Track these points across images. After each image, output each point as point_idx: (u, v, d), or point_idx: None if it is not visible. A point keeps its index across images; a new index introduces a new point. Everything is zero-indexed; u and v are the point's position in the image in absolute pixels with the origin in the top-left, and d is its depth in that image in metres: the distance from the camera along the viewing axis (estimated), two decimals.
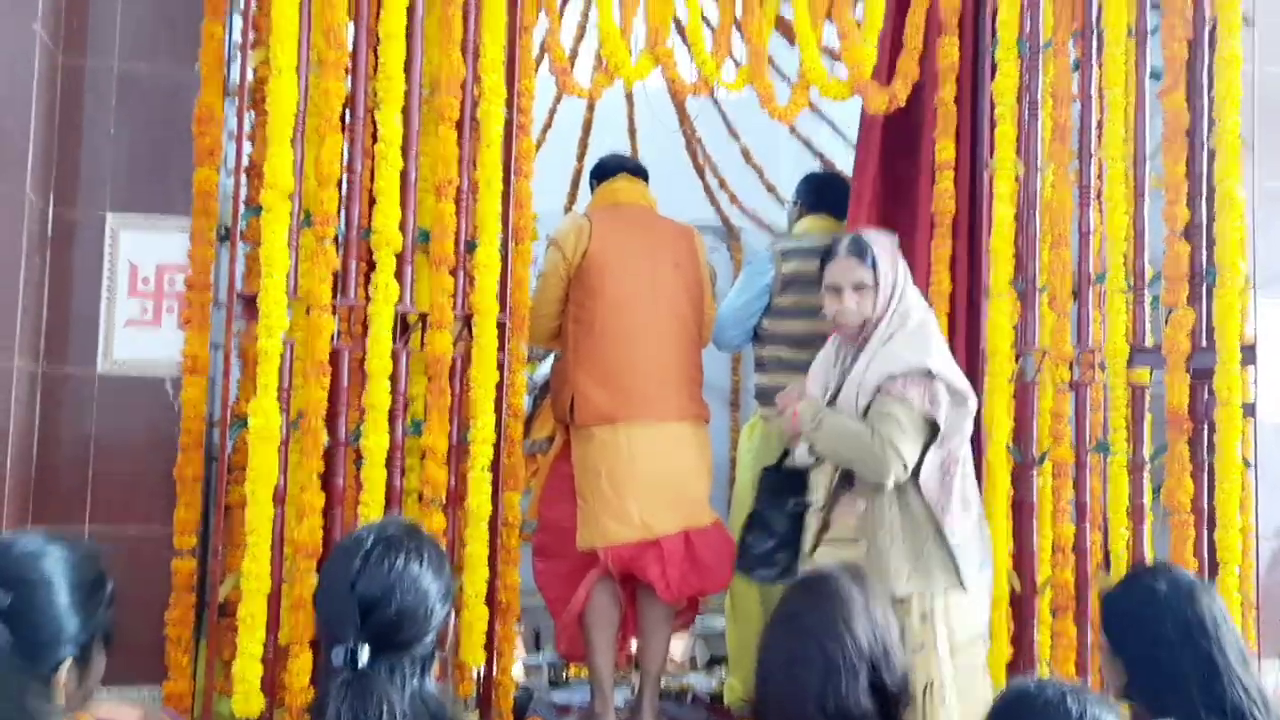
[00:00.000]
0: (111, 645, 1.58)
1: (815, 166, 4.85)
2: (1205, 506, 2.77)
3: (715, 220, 5.37)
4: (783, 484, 2.80)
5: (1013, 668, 2.90)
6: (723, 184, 5.07)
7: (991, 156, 3.07)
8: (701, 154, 5.07)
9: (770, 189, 5.15)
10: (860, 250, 2.53)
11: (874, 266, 2.51)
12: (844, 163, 4.90)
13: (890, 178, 3.28)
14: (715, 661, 4.13)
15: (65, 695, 1.49)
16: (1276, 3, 2.99)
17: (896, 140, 3.25)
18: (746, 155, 5.09)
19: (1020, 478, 2.96)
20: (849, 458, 2.47)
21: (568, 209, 5.20)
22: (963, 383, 2.47)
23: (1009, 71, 3.03)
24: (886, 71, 3.15)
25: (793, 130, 4.88)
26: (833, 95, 3.03)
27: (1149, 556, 2.83)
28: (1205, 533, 2.77)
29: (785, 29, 3.41)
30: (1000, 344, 2.96)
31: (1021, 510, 2.95)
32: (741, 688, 3.66)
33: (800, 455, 2.64)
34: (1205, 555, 2.76)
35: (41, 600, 1.49)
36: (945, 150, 3.08)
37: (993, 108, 3.06)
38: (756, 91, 3.01)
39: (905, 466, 2.38)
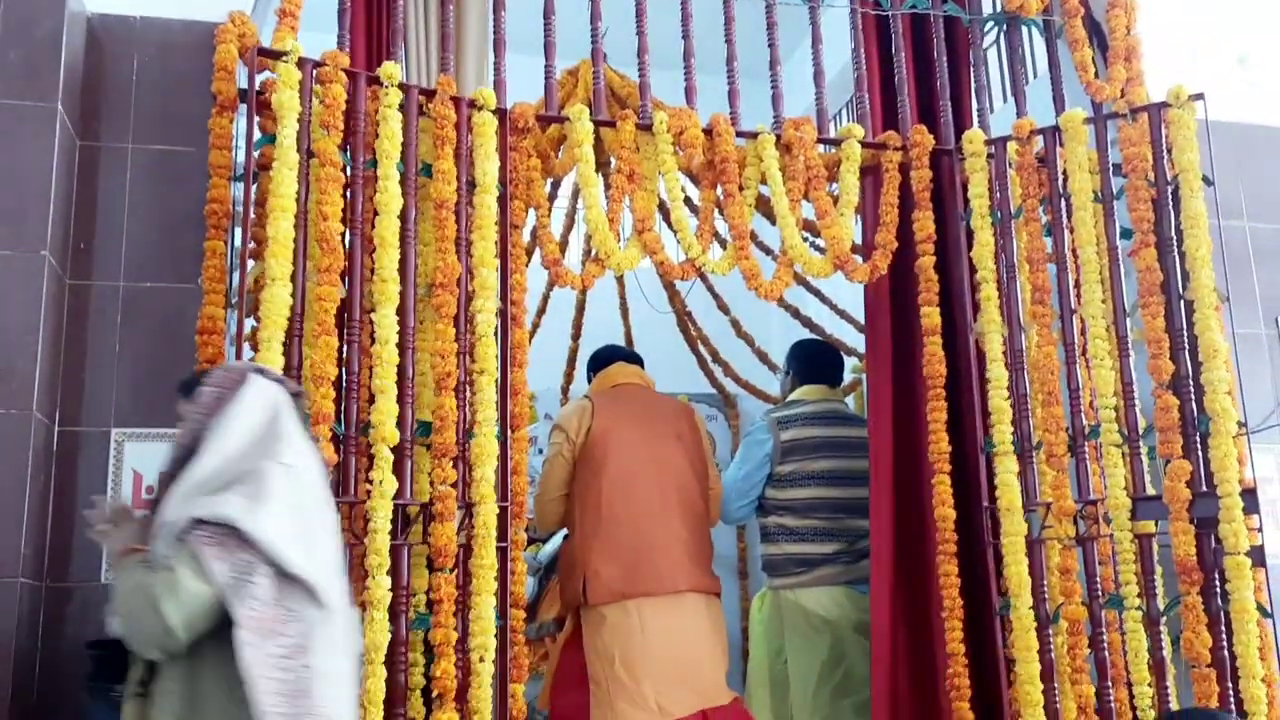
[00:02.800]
0: None
1: (804, 334, 4.95)
2: (1225, 656, 2.73)
3: (710, 389, 5.44)
4: (109, 661, 2.16)
5: None
6: (715, 356, 5.15)
7: (975, 320, 3.15)
8: (693, 327, 5.17)
9: (762, 357, 5.24)
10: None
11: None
12: (831, 328, 5.02)
13: (898, 341, 3.37)
14: None
15: None
16: (1230, 164, 3.13)
17: (899, 304, 3.35)
18: (737, 327, 5.20)
19: (1038, 637, 2.92)
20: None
21: (564, 388, 5.28)
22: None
23: (985, 240, 3.14)
24: (868, 246, 3.26)
25: (781, 302, 5.00)
26: (815, 272, 3.13)
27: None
28: (1229, 684, 2.72)
29: (766, 208, 3.55)
30: (1013, 501, 2.97)
31: (1041, 671, 2.90)
32: None
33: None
34: (1232, 706, 2.71)
35: None
36: (930, 316, 3.16)
37: (973, 273, 3.15)
38: (742, 272, 3.11)
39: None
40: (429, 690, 2.68)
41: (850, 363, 4.57)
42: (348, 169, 2.82)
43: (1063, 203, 3.10)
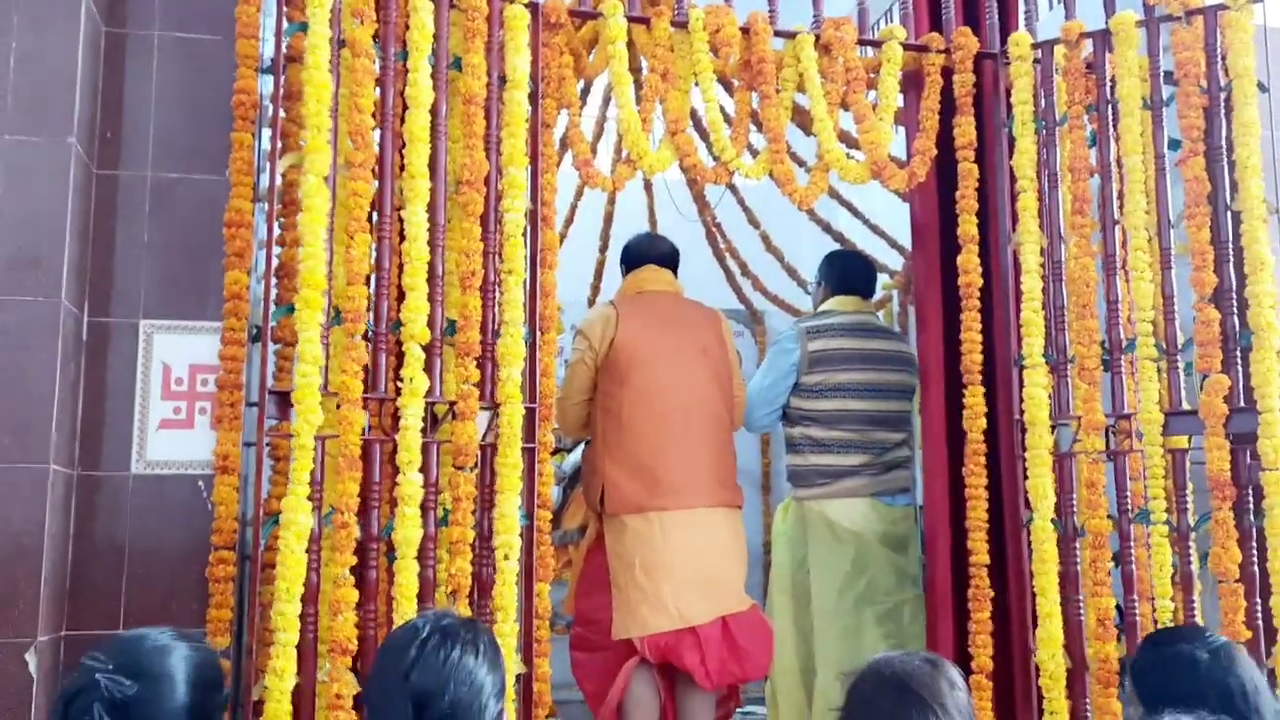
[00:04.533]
0: None
1: (835, 248, 4.88)
2: (1255, 573, 2.72)
3: (737, 305, 5.39)
4: None
5: None
6: (745, 269, 5.10)
7: (1014, 230, 3.08)
8: (722, 240, 5.11)
9: (791, 272, 5.18)
10: None
11: None
12: (863, 244, 4.94)
13: (944, 255, 3.33)
14: None
15: None
16: None
17: (946, 213, 3.30)
18: (766, 241, 5.13)
19: (1063, 551, 2.91)
20: None
21: (591, 300, 5.25)
22: None
23: (1026, 147, 3.06)
24: (907, 153, 3.19)
25: (812, 215, 4.92)
26: (852, 178, 3.06)
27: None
28: (1257, 599, 2.71)
29: (801, 118, 3.47)
30: (1039, 415, 2.93)
31: (1066, 584, 2.90)
32: None
33: None
34: (1260, 623, 2.70)
35: (163, 695, 1.48)
36: (967, 225, 3.10)
37: (1013, 182, 3.08)
38: (775, 177, 3.04)
39: None
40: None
41: (880, 279, 4.52)
42: (376, 62, 2.76)
43: (1109, 110, 3.01)
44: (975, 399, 3.07)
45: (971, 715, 1.69)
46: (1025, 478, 2.98)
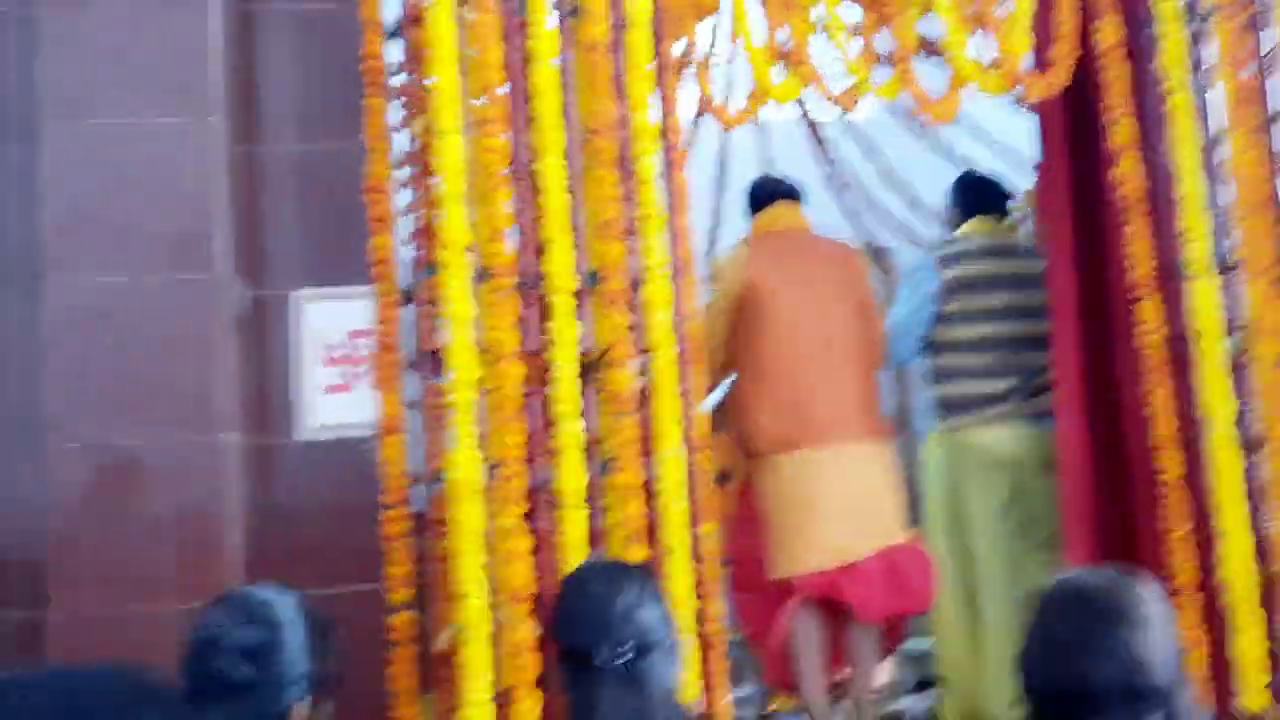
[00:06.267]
0: (334, 694, 1.62)
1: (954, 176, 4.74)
2: None
3: (862, 241, 5.28)
4: None
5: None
6: (870, 203, 4.98)
7: (1164, 133, 2.94)
8: (843, 177, 5.00)
9: (914, 203, 5.05)
10: None
11: None
12: (990, 164, 4.78)
13: (1076, 166, 3.19)
14: (922, 685, 3.98)
15: None
16: None
17: (1076, 128, 3.16)
18: (887, 174, 5.01)
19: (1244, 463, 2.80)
20: None
21: (708, 250, 5.20)
22: None
23: (1175, 44, 2.91)
24: (1042, 62, 3.06)
25: (932, 142, 4.79)
26: (989, 89, 2.96)
27: None
28: None
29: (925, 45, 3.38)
30: (1209, 324, 2.81)
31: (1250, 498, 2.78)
32: (958, 708, 3.52)
33: None
34: None
35: (286, 641, 1.53)
36: (1120, 133, 2.97)
37: (1159, 83, 2.94)
38: (911, 95, 2.96)
39: None
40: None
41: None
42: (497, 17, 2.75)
43: None
44: (1149, 312, 2.95)
45: (1171, 630, 1.60)
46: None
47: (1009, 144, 4.60)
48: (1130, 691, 1.50)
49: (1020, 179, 4.58)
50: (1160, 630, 1.55)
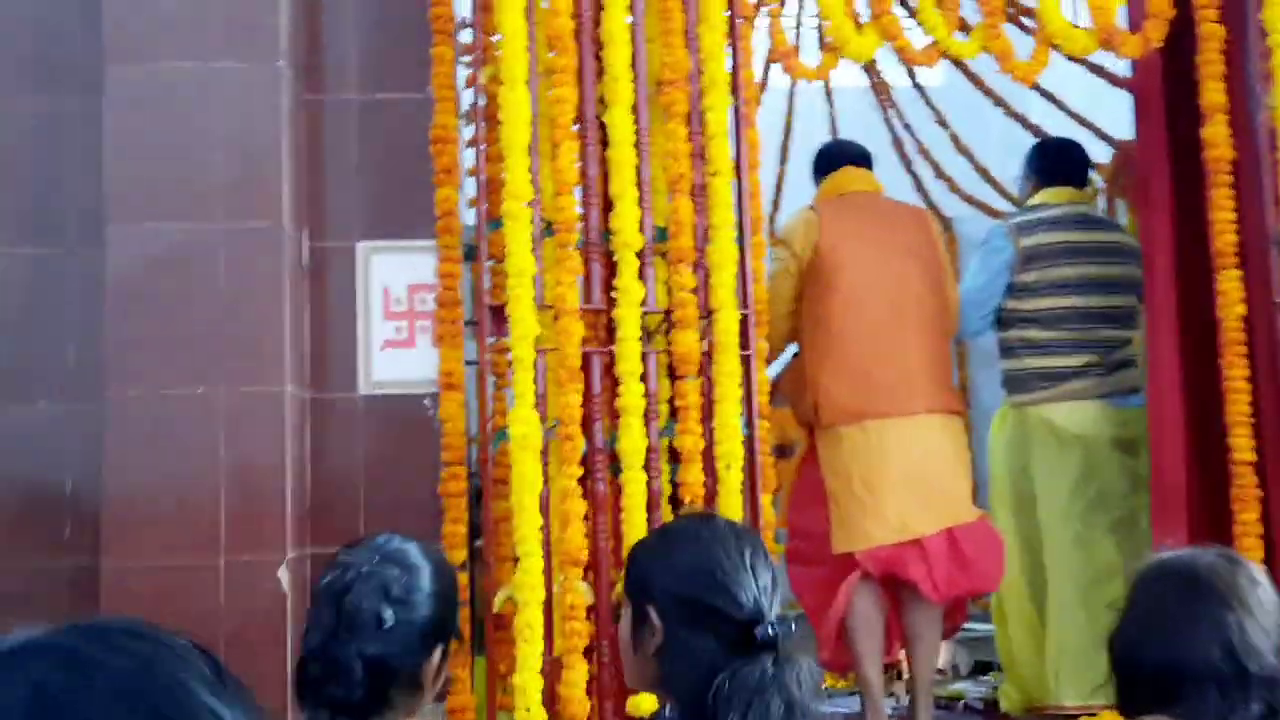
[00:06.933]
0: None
1: (1026, 145, 4.60)
2: None
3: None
4: None
5: None
6: (938, 171, 4.85)
7: (1267, 94, 2.80)
8: (911, 144, 4.88)
9: (983, 173, 4.92)
10: None
11: None
12: (1063, 135, 4.63)
13: (1171, 131, 3.07)
14: (980, 668, 3.89)
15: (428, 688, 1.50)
16: None
17: (1170, 90, 3.04)
18: (956, 141, 4.88)
19: None
20: None
21: (772, 216, 5.10)
22: None
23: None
24: (1135, 21, 2.93)
25: (1005, 108, 4.65)
26: (1078, 49, 2.83)
27: None
28: None
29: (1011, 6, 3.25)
30: None
31: None
32: (1018, 694, 3.42)
33: None
34: None
35: (422, 582, 1.52)
36: (1214, 93, 2.83)
37: (1262, 38, 2.79)
38: (993, 53, 2.83)
39: None
40: (676, 497, 2.65)
41: None
42: None
43: None
44: (1230, 283, 2.82)
45: (1278, 615, 1.51)
46: None
47: (1085, 115, 4.47)
48: (1232, 675, 1.41)
49: (1096, 149, 4.45)
50: (1267, 615, 1.46)
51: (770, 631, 1.38)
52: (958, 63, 3.37)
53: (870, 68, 4.65)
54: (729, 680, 1.34)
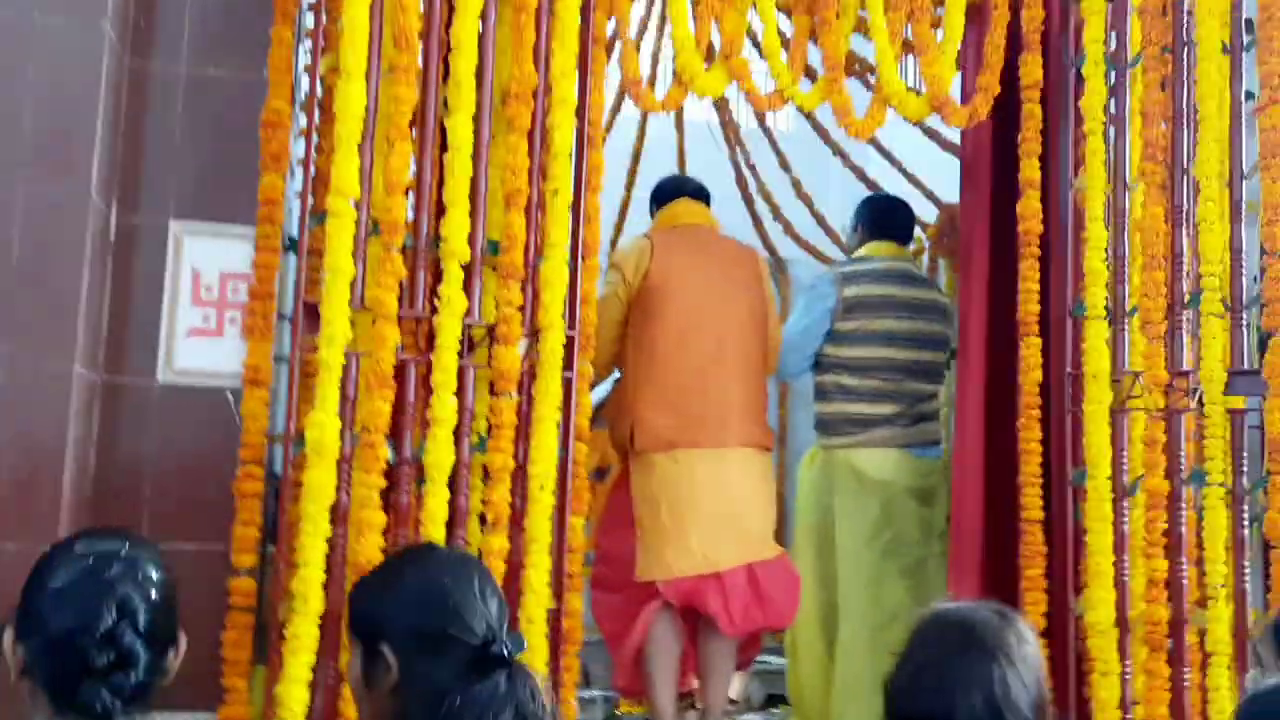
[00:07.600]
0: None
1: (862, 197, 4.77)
2: None
3: (763, 252, 5.27)
4: None
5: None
6: (776, 212, 4.97)
7: (1077, 175, 2.97)
8: (754, 184, 4.98)
9: (819, 220, 5.06)
10: None
11: None
12: (896, 193, 4.82)
13: (995, 201, 3.21)
14: (772, 701, 3.98)
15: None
16: None
17: (997, 161, 3.19)
18: (797, 186, 5.01)
19: (1113, 509, 2.84)
20: None
21: (614, 241, 5.12)
22: None
23: (1096, 88, 2.94)
24: (968, 92, 3.07)
25: (844, 160, 4.81)
26: (911, 113, 2.95)
27: (1249, 592, 2.70)
28: None
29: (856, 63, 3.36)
30: (1099, 367, 2.85)
31: (1114, 543, 2.82)
32: None
33: None
34: None
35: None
36: (1030, 169, 2.99)
37: (1078, 125, 2.97)
38: (833, 106, 2.92)
39: None
40: (485, 516, 2.61)
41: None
42: None
43: (1185, 53, 2.89)
44: (1031, 350, 2.98)
45: (1041, 671, 1.60)
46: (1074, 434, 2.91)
47: (917, 169, 4.67)
48: None
49: (924, 208, 4.64)
50: (1030, 671, 1.55)
51: (505, 650, 1.42)
52: (805, 111, 3.48)
53: (722, 105, 4.72)
54: (460, 697, 1.37)
